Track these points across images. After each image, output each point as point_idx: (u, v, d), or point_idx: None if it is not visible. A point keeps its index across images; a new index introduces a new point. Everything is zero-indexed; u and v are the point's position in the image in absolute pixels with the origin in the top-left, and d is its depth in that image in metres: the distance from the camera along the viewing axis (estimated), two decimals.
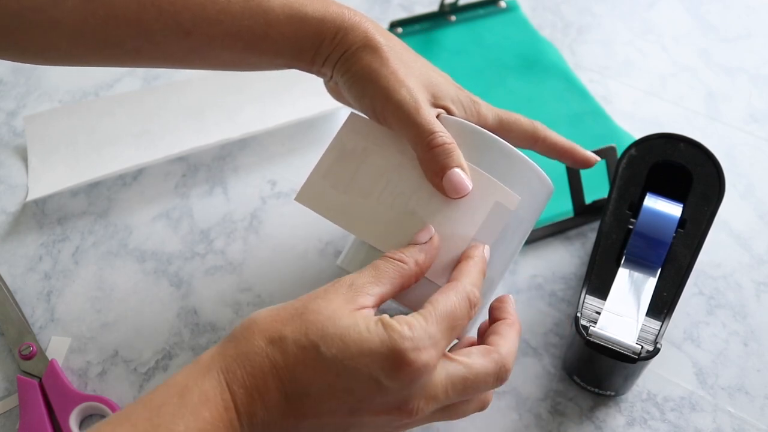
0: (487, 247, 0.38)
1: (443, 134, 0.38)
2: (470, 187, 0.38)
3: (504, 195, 0.39)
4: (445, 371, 0.34)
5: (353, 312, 0.33)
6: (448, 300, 0.35)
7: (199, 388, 0.31)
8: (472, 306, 0.35)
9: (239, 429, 0.32)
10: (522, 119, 0.45)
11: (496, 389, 0.42)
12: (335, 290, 0.34)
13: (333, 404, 0.32)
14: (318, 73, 0.43)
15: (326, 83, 0.46)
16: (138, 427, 0.30)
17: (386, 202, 0.39)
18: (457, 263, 0.38)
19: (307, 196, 0.42)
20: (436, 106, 0.41)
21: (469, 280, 0.36)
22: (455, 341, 0.39)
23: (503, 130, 0.44)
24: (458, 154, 0.38)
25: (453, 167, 0.38)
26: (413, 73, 0.41)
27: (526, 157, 0.40)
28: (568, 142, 0.46)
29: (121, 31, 0.38)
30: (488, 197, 0.39)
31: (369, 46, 0.40)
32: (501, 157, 0.40)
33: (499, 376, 0.36)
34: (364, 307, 0.34)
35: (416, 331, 0.32)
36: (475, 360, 0.35)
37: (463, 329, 0.36)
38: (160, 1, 0.38)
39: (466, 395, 0.35)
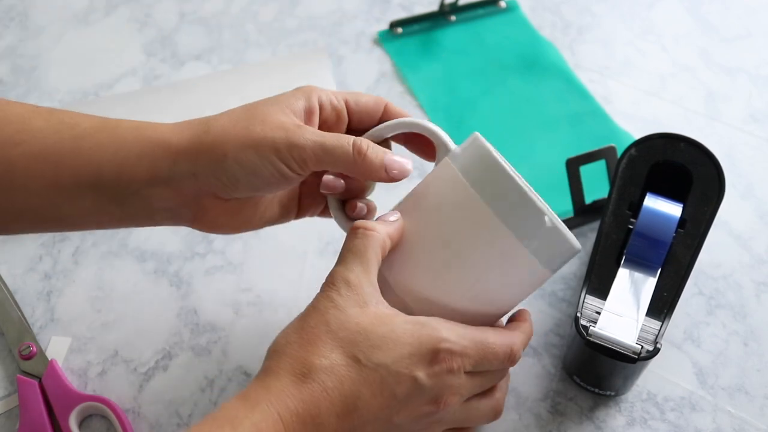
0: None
1: (359, 140, 0.38)
2: (410, 168, 0.39)
3: (544, 275, 0.39)
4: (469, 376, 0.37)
5: (377, 316, 0.35)
6: (495, 337, 0.37)
7: (250, 420, 0.31)
8: (508, 358, 0.37)
9: None
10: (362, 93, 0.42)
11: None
12: (339, 295, 0.35)
13: (379, 412, 0.34)
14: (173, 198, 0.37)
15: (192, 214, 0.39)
16: None
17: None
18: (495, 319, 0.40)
19: None
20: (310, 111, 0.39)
21: (521, 338, 0.39)
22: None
23: (353, 95, 0.41)
24: (376, 147, 0.38)
25: (385, 158, 0.38)
26: (267, 115, 0.37)
27: (564, 227, 0.38)
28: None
29: None
30: (534, 281, 0.39)
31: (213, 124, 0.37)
32: (545, 228, 0.37)
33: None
34: (377, 303, 0.36)
35: (454, 335, 0.35)
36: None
37: (491, 369, 0.38)
38: None
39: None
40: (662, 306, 0.43)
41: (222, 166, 0.36)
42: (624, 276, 0.44)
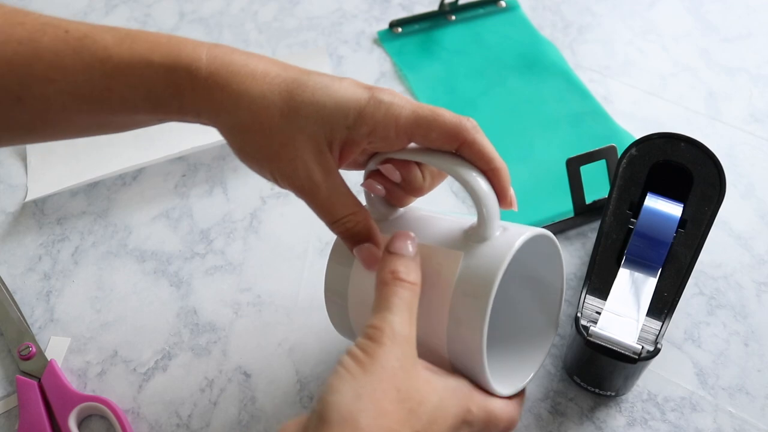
0: None
1: (349, 219, 0.37)
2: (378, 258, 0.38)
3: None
4: None
5: (427, 380, 0.35)
6: (502, 411, 0.38)
7: None
8: (508, 429, 0.39)
9: None
10: (445, 114, 0.36)
11: None
12: (404, 354, 0.34)
13: None
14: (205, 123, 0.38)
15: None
16: None
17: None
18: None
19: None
20: (343, 143, 0.37)
21: (520, 410, 0.39)
22: None
23: (420, 128, 0.36)
24: (367, 231, 0.38)
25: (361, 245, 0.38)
26: (300, 119, 0.35)
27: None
28: (497, 159, 0.37)
29: None
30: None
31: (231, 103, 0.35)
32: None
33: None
34: (420, 361, 0.35)
35: (476, 405, 0.36)
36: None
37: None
38: None
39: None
40: (663, 306, 0.43)
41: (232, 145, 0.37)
42: (624, 276, 0.44)
